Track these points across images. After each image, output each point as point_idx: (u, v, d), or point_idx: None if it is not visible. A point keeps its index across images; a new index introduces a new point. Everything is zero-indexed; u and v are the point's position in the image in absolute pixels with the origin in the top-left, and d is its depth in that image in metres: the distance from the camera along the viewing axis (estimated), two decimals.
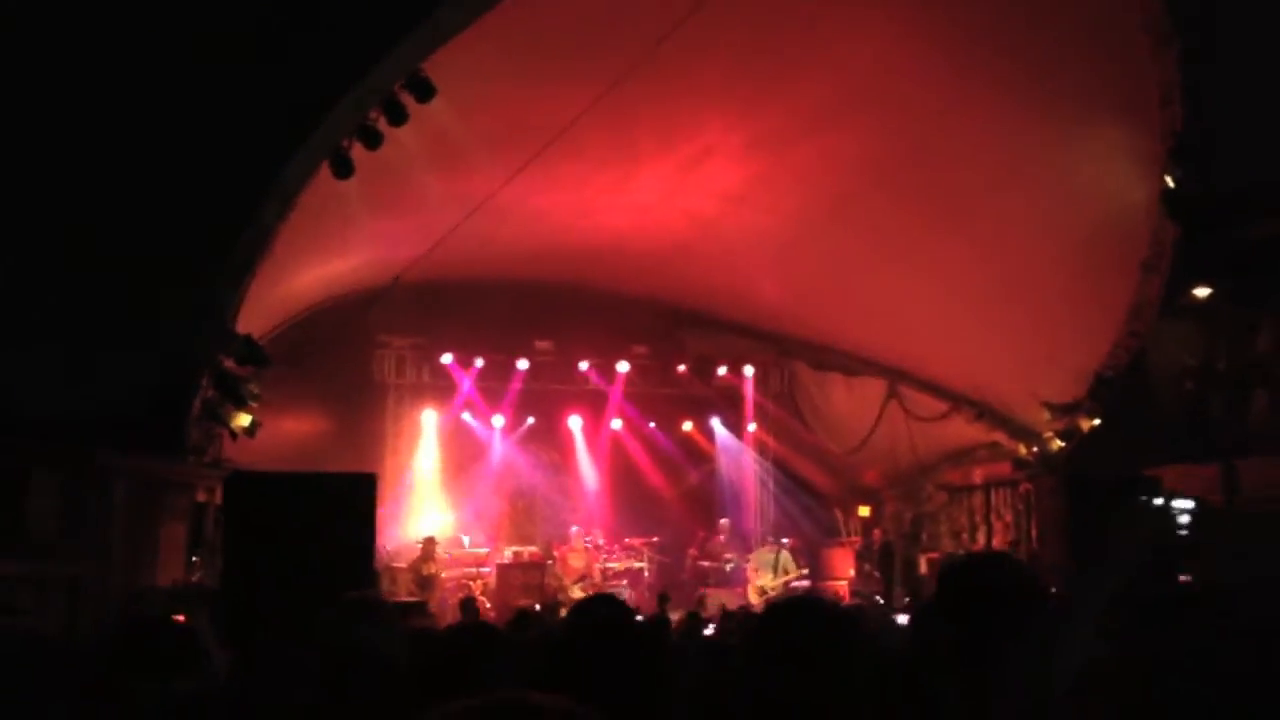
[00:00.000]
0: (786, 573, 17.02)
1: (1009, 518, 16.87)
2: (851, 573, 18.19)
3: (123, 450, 10.15)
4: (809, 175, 13.49)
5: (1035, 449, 15.64)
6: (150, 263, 9.63)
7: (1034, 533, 15.65)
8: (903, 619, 9.35)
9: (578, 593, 16.18)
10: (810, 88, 11.75)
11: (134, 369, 10.14)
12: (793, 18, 10.72)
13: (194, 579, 11.34)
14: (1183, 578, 9.96)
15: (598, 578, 17.35)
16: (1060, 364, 14.23)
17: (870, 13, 10.80)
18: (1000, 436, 16.74)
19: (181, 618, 6.39)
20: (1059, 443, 14.86)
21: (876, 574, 17.74)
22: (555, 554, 17.79)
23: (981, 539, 17.34)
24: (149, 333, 9.99)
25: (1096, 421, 14.28)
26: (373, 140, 10.15)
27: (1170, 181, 11.38)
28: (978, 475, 17.61)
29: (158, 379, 10.52)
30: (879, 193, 13.32)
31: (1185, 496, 11.29)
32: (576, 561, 17.36)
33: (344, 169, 10.25)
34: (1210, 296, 13.51)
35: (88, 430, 9.88)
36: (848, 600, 15.92)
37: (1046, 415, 14.88)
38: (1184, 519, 11.04)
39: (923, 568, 17.49)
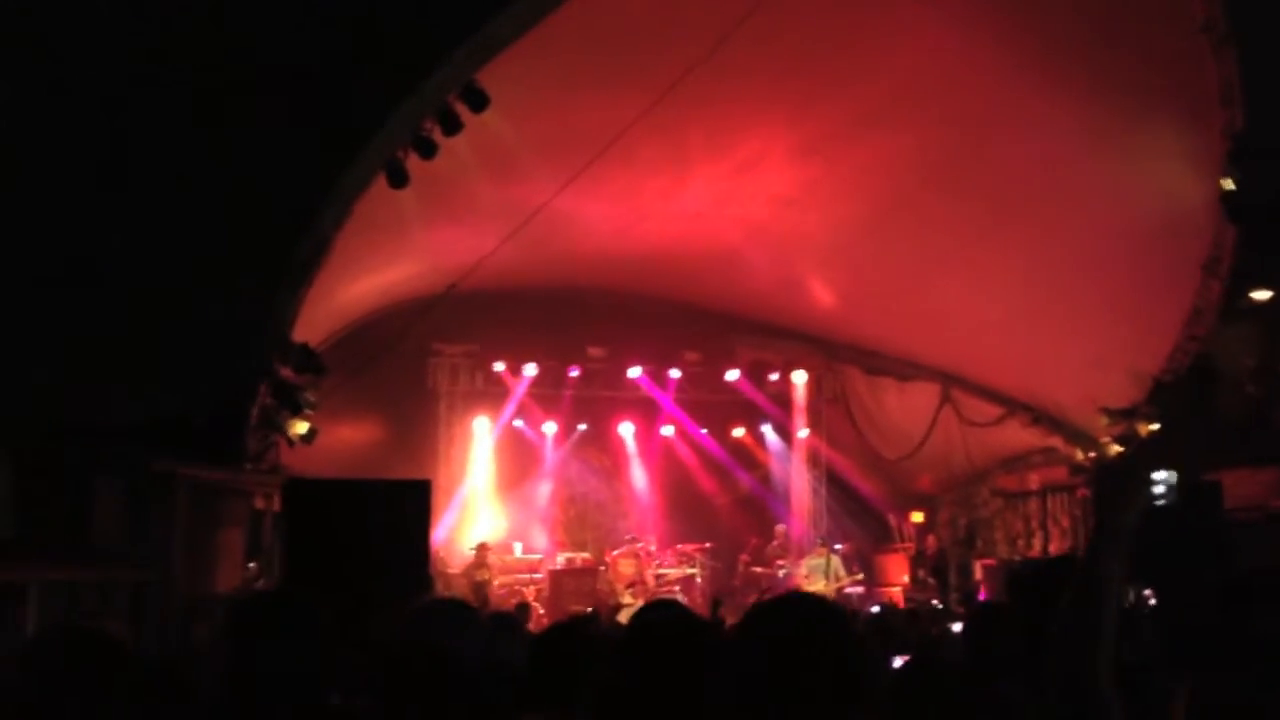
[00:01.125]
0: (839, 578, 16.94)
1: (1066, 523, 16.70)
2: (906, 579, 18.08)
3: (184, 458, 10.30)
4: (861, 178, 13.43)
5: (1092, 454, 15.46)
6: (209, 273, 9.77)
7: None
8: (958, 627, 9.24)
9: (630, 599, 16.19)
10: (862, 90, 11.71)
11: (194, 378, 10.29)
12: (844, 20, 10.69)
13: (252, 585, 11.48)
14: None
15: (651, 584, 17.35)
16: (1118, 368, 14.05)
17: (922, 13, 10.74)
18: (1056, 441, 16.57)
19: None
20: (1117, 447, 14.67)
21: (931, 580, 17.60)
22: (607, 560, 17.81)
23: (1038, 545, 17.18)
24: (209, 342, 10.13)
25: (1155, 426, 14.09)
26: (427, 150, 10.23)
27: (1230, 183, 11.24)
28: (1033, 480, 17.44)
29: (217, 388, 10.67)
30: (932, 194, 13.23)
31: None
32: (628, 568, 17.36)
33: (399, 178, 10.35)
34: (1271, 299, 13.32)
35: (149, 438, 10.05)
36: (902, 606, 15.79)
37: (1104, 420, 14.69)
38: (1160, 489, 11.06)
39: (978, 574, 17.35)
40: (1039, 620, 3.10)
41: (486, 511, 18.37)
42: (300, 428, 11.76)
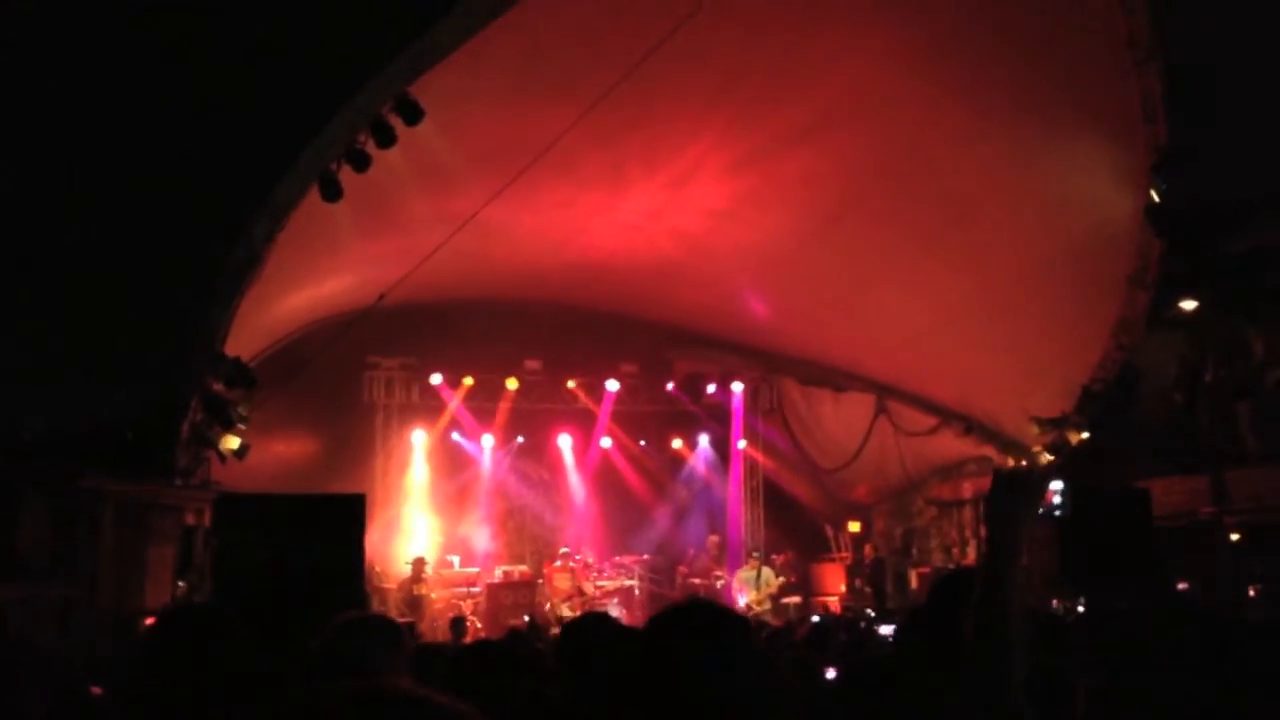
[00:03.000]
0: (769, 586, 17.00)
1: None
2: (842, 588, 18.21)
3: (112, 474, 10.12)
4: (795, 192, 13.53)
5: (1024, 462, 15.68)
6: (138, 285, 9.63)
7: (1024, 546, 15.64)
8: (886, 629, 9.35)
9: (567, 612, 16.14)
10: (795, 105, 11.80)
11: (123, 392, 10.14)
12: (776, 36, 10.77)
13: (183, 602, 11.30)
14: (1182, 585, 10.04)
15: (590, 596, 17.31)
16: (1048, 377, 14.27)
17: (853, 30, 10.85)
18: (989, 450, 16.79)
19: None
20: (1048, 456, 14.90)
21: (868, 589, 17.75)
22: (545, 573, 17.75)
23: (972, 553, 17.37)
24: (137, 356, 9.98)
25: (1085, 435, 14.33)
26: (361, 162, 10.15)
27: (1154, 195, 11.46)
28: (967, 489, 17.65)
29: (146, 402, 10.52)
30: (865, 208, 13.37)
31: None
32: (564, 582, 17.29)
33: (332, 191, 10.25)
34: (1196, 309, 13.60)
35: (77, 454, 9.87)
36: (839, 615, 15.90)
37: (1035, 429, 14.92)
38: (1057, 499, 11.47)
39: (914, 582, 17.51)
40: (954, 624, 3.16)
41: (423, 525, 18.22)
42: (232, 442, 11.61)
